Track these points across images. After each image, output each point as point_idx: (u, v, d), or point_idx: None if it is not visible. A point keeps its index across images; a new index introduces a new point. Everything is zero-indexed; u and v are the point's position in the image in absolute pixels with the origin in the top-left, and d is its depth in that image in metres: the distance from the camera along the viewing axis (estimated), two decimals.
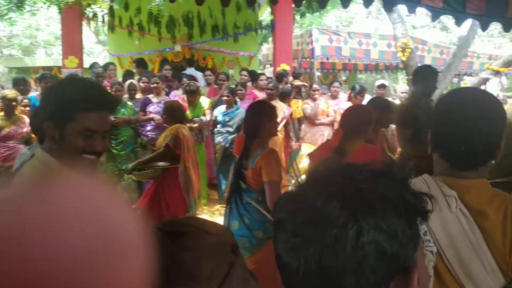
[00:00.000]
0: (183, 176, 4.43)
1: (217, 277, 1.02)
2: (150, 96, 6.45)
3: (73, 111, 1.41)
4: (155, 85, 6.38)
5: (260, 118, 2.91)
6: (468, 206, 1.27)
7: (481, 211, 1.26)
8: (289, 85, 7.33)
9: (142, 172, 4.36)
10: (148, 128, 6.18)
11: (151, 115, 6.10)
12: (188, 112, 6.06)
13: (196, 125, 6.07)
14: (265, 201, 2.83)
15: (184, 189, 4.43)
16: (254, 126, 2.92)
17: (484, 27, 4.58)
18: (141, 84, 6.73)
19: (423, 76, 3.95)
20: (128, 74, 7.80)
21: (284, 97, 6.73)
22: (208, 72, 7.90)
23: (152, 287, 0.51)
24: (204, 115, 6.40)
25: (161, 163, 4.47)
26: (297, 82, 7.82)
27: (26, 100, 5.53)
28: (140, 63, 8.22)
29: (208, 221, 1.22)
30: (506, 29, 4.52)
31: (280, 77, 7.49)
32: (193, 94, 6.13)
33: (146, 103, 6.32)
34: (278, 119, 6.30)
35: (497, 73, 8.57)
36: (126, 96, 6.51)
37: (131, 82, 6.66)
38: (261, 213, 2.85)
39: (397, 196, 0.64)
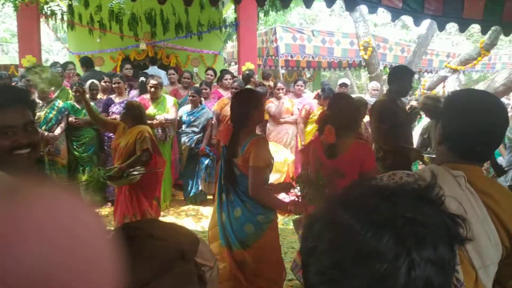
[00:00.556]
0: (152, 175, 4.36)
1: (156, 283, 1.01)
2: (112, 96, 6.31)
3: None
4: (116, 85, 6.24)
5: (247, 107, 2.90)
6: (473, 186, 1.41)
7: (484, 191, 1.41)
8: (264, 86, 7.27)
9: (125, 178, 4.13)
10: None
11: (114, 116, 5.96)
12: (150, 110, 5.96)
13: (155, 121, 5.85)
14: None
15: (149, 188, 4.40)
16: (242, 115, 2.91)
17: (441, 27, 4.73)
18: (103, 83, 6.58)
19: (399, 76, 4.09)
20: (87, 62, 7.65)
21: None
22: (172, 71, 7.79)
23: None
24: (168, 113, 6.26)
25: (141, 168, 4.28)
26: (267, 83, 7.83)
27: None
28: (85, 62, 8.03)
29: (164, 225, 1.20)
30: (461, 29, 4.67)
31: (247, 77, 7.47)
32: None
33: (108, 103, 6.18)
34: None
35: (455, 70, 8.85)
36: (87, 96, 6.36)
37: (93, 82, 6.49)
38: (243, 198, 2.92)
39: (442, 224, 0.62)
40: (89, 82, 6.45)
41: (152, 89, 5.97)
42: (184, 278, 1.15)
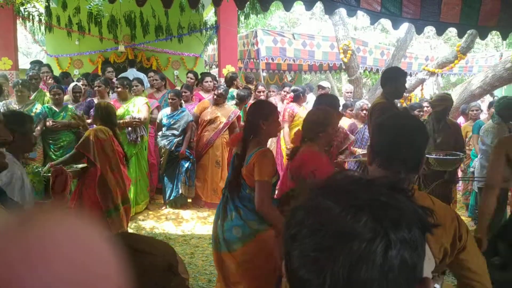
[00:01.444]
0: (99, 180, 4.24)
1: None
2: (95, 99, 6.25)
3: None
4: (98, 88, 6.17)
5: (257, 118, 2.90)
6: None
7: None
8: (248, 89, 7.26)
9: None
10: None
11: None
12: (120, 110, 5.90)
13: (122, 121, 5.79)
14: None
15: (99, 194, 4.24)
16: (252, 125, 2.94)
17: (419, 31, 4.80)
18: (84, 86, 6.55)
19: (393, 78, 4.12)
20: (65, 76, 7.52)
21: (242, 100, 6.71)
22: (151, 74, 7.74)
23: None
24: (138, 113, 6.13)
25: (78, 165, 4.33)
26: (252, 87, 7.81)
27: None
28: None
29: (145, 239, 1.18)
30: (439, 32, 4.75)
31: (230, 80, 7.44)
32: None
33: (90, 106, 6.11)
34: (222, 123, 6.30)
35: (432, 73, 8.99)
36: (66, 98, 6.27)
37: (76, 85, 6.44)
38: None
39: (414, 211, 0.66)
40: (72, 84, 6.45)
41: (116, 90, 6.11)
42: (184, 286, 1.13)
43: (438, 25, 4.58)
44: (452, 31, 5.34)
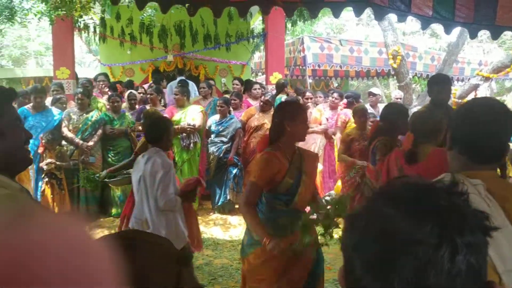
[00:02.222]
0: None
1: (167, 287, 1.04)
2: (147, 106, 6.49)
3: (2, 104, 1.41)
4: (150, 96, 6.42)
5: (282, 118, 2.71)
6: (491, 192, 1.45)
7: (503, 196, 1.45)
8: (296, 96, 7.28)
9: (114, 179, 4.36)
10: None
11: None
12: (176, 116, 6.07)
13: (178, 126, 5.98)
14: (265, 201, 2.77)
15: None
16: (276, 126, 2.75)
17: (472, 35, 4.65)
18: (138, 94, 6.83)
19: (434, 86, 4.06)
20: (129, 85, 7.83)
21: None
22: (203, 85, 7.80)
23: None
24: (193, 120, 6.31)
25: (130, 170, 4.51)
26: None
27: None
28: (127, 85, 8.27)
29: (150, 233, 1.26)
30: (494, 37, 4.58)
31: (281, 87, 7.50)
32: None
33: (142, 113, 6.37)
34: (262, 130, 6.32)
35: (487, 79, 8.66)
36: (125, 105, 6.56)
37: (131, 92, 6.73)
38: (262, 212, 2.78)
39: (473, 214, 0.66)
40: (127, 92, 6.72)
41: (174, 97, 6.25)
42: (194, 281, 1.20)
43: (493, 29, 4.42)
44: (507, 35, 5.14)
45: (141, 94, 6.88)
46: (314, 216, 2.57)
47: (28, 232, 0.49)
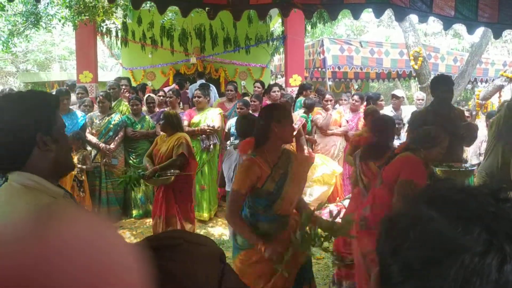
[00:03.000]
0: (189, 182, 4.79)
1: (212, 286, 1.05)
2: (167, 109, 6.54)
3: (52, 112, 1.43)
4: (169, 98, 6.49)
5: (269, 120, 2.65)
6: None
7: None
8: (313, 97, 7.29)
9: (157, 178, 4.59)
10: None
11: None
12: (195, 119, 6.14)
13: (198, 128, 6.06)
14: (249, 204, 2.73)
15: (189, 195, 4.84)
16: (263, 128, 2.68)
17: (496, 35, 4.55)
18: (157, 97, 6.89)
19: (435, 86, 4.03)
20: (142, 88, 7.91)
21: (310, 108, 6.77)
22: (230, 87, 7.78)
23: None
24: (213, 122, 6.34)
25: (174, 171, 4.68)
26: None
27: None
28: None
29: (193, 233, 1.28)
30: None
31: (301, 89, 7.49)
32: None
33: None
34: None
35: (511, 80, 8.48)
36: (144, 109, 6.64)
37: (149, 95, 6.81)
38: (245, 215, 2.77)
39: None
40: (146, 95, 6.81)
41: (195, 99, 6.26)
42: (235, 276, 1.21)
43: None
44: None
45: (161, 97, 6.95)
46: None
47: (60, 234, 0.50)
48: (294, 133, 6.35)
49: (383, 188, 3.07)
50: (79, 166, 5.61)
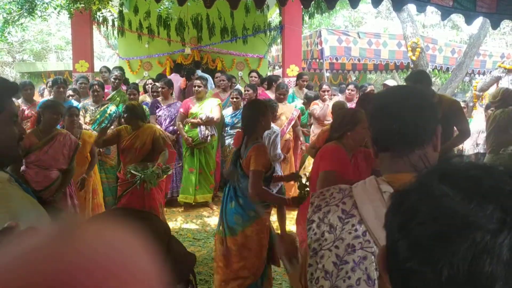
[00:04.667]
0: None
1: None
2: (159, 99, 6.51)
3: (1, 101, 1.38)
4: (161, 89, 6.42)
5: (256, 116, 3.28)
6: None
7: None
8: (315, 91, 7.33)
9: (165, 173, 4.64)
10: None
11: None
12: (194, 109, 6.13)
13: (195, 120, 6.06)
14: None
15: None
16: (251, 123, 3.30)
17: (495, 26, 4.55)
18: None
19: (417, 81, 3.95)
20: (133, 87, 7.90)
21: (310, 101, 6.79)
22: (218, 74, 7.86)
23: None
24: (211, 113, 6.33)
25: (167, 165, 4.69)
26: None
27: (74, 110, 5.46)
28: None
29: (140, 210, 1.35)
30: None
31: (298, 77, 7.60)
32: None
33: (156, 106, 6.38)
34: (286, 121, 6.33)
35: (509, 71, 8.47)
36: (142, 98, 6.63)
37: (155, 85, 6.92)
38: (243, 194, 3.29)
39: None
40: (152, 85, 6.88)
41: (195, 88, 6.19)
42: (180, 245, 1.25)
43: None
44: None
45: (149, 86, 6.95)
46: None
47: (76, 244, 0.49)
48: (292, 123, 6.36)
49: (311, 185, 3.11)
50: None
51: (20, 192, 1.40)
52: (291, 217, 4.82)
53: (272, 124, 4.91)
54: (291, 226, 4.77)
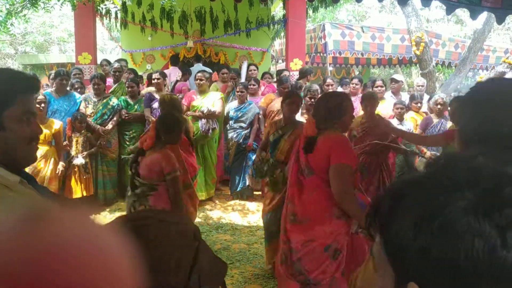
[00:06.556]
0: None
1: (184, 267, 1.04)
2: (153, 91, 6.43)
3: (12, 95, 1.25)
4: (156, 80, 6.38)
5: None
6: None
7: None
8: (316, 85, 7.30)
9: None
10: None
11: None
12: (196, 102, 6.13)
13: (196, 113, 6.07)
14: None
15: None
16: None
17: (500, 20, 4.51)
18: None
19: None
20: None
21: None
22: (225, 70, 7.78)
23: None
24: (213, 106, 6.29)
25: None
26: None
27: (41, 97, 5.45)
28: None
29: (168, 211, 1.27)
30: None
31: (304, 73, 7.44)
32: None
33: (151, 98, 6.32)
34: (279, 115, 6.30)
35: None
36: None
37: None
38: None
39: None
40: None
41: (197, 81, 6.20)
42: (210, 253, 1.21)
43: None
44: None
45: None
46: None
47: (46, 232, 0.50)
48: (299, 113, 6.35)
49: (316, 177, 2.82)
50: (85, 153, 5.66)
51: (31, 195, 1.29)
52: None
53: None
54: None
